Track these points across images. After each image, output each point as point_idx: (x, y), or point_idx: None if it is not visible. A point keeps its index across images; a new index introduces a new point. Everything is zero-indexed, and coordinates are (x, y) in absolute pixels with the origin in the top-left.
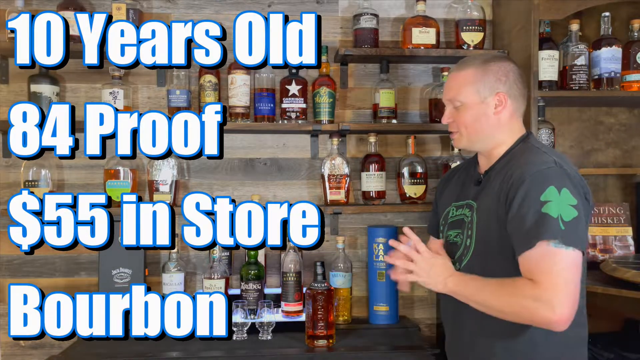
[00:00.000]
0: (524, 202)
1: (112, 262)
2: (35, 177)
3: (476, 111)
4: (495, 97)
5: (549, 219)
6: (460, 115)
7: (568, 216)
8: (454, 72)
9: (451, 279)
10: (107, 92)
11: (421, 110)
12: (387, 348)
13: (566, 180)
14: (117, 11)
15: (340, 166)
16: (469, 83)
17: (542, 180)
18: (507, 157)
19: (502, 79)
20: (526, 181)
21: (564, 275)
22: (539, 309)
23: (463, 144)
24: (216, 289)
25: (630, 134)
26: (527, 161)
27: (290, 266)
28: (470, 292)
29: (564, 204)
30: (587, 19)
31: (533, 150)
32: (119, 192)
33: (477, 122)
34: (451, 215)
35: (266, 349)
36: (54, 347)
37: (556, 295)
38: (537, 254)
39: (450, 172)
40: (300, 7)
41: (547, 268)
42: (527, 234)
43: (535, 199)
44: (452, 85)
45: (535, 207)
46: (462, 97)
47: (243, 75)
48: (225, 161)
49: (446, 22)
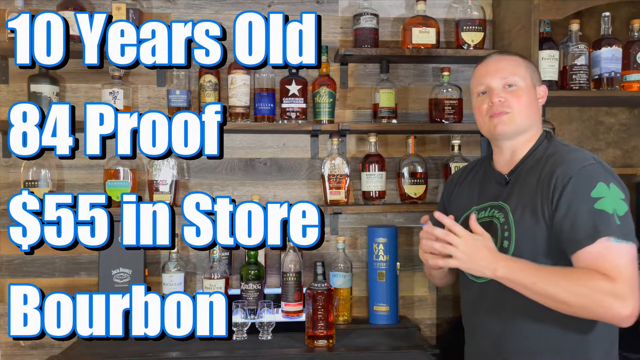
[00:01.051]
0: (574, 200)
1: (112, 262)
2: (35, 177)
3: (531, 96)
4: (540, 88)
5: (605, 215)
6: (515, 95)
7: (621, 210)
8: (500, 55)
9: (502, 263)
10: (107, 92)
11: (421, 110)
12: (387, 348)
13: (609, 175)
14: (117, 11)
15: (340, 166)
16: (523, 67)
17: (588, 177)
18: (533, 155)
19: (539, 76)
20: (572, 178)
21: (630, 270)
22: (614, 305)
23: (510, 127)
24: (216, 289)
25: (630, 134)
26: (566, 158)
27: (290, 266)
28: (530, 280)
29: (616, 198)
30: (587, 19)
31: (564, 147)
32: (119, 192)
33: (530, 107)
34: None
35: (266, 349)
36: (54, 347)
37: (629, 290)
38: (598, 251)
39: (460, 174)
40: (300, 7)
41: (615, 263)
42: (584, 231)
43: (586, 196)
44: (505, 65)
45: (588, 205)
46: (519, 78)
47: (243, 75)
48: (225, 161)
49: (446, 22)
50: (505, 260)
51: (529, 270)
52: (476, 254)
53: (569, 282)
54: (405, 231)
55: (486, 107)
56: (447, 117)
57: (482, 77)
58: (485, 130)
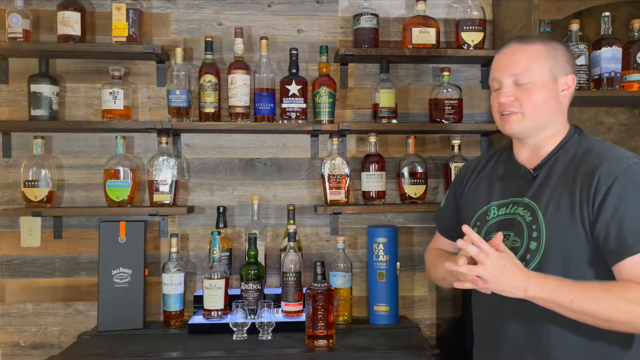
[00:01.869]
0: (621, 203)
1: (112, 262)
2: (35, 177)
3: (547, 91)
4: (565, 78)
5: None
6: (526, 94)
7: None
8: (518, 44)
9: (533, 281)
10: (107, 92)
11: (421, 110)
12: (387, 348)
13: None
14: (117, 11)
15: (340, 166)
16: (542, 58)
17: (636, 177)
18: (565, 149)
19: (570, 60)
20: (618, 179)
21: None
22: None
23: (520, 128)
24: (216, 289)
25: (630, 134)
26: (607, 156)
27: (290, 266)
28: (565, 297)
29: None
30: (587, 19)
31: (601, 143)
32: (119, 192)
33: (545, 104)
34: (493, 215)
35: (266, 349)
36: (54, 347)
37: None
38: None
39: (475, 165)
40: (300, 7)
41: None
42: (632, 237)
43: (635, 198)
44: (519, 59)
45: (638, 208)
46: (534, 74)
47: (243, 75)
48: (225, 161)
49: (446, 22)
50: (536, 279)
51: (564, 288)
52: (504, 274)
53: (610, 297)
54: (405, 231)
55: (497, 104)
56: (447, 117)
57: (495, 71)
58: (499, 127)
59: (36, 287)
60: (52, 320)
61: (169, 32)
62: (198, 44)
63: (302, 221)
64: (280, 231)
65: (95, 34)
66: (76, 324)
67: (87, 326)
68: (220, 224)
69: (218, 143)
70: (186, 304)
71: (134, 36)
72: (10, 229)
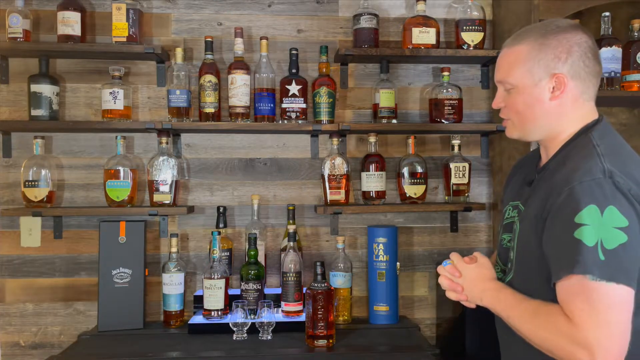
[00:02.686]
0: (556, 221)
1: (112, 262)
2: (35, 177)
3: (529, 96)
4: (552, 79)
5: (582, 248)
6: (511, 100)
7: (612, 243)
8: (506, 47)
9: (487, 293)
10: (107, 92)
11: (421, 110)
12: (387, 348)
13: (616, 195)
14: (117, 11)
15: (340, 166)
16: (521, 61)
17: (580, 195)
18: (564, 151)
19: (562, 57)
20: (562, 194)
21: (606, 316)
22: (576, 354)
23: (516, 134)
24: (216, 289)
25: (630, 134)
26: (573, 166)
27: (290, 266)
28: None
29: (607, 226)
30: (587, 19)
31: (587, 150)
32: (119, 192)
33: (529, 109)
34: (506, 216)
35: (266, 349)
36: (54, 347)
37: (596, 339)
38: (571, 287)
39: (518, 163)
40: (300, 7)
41: (584, 306)
42: (558, 261)
43: (569, 219)
44: (502, 64)
45: (569, 232)
46: (513, 79)
47: (243, 75)
48: (225, 161)
49: (446, 22)
50: (490, 291)
51: (505, 304)
52: (471, 284)
53: (535, 323)
54: (405, 231)
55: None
56: (447, 117)
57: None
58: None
59: (36, 287)
60: (52, 320)
61: (169, 32)
62: (198, 44)
63: (302, 221)
64: (280, 231)
65: (95, 34)
66: (76, 324)
67: (87, 326)
68: (220, 224)
69: (218, 143)
70: (186, 304)
71: (134, 36)
72: (10, 229)
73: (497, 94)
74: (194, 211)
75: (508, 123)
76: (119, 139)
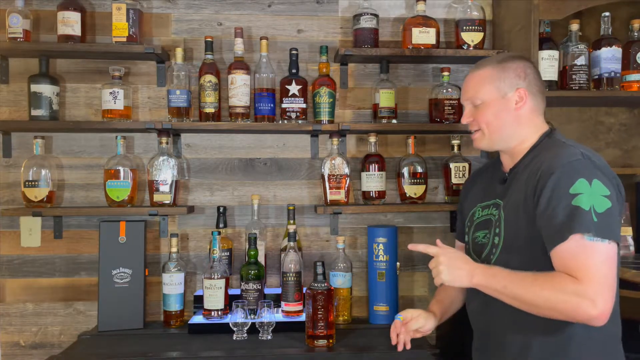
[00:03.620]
0: (553, 195)
1: (112, 262)
2: (35, 177)
3: (497, 107)
4: (515, 93)
5: (580, 212)
6: (480, 113)
7: (601, 207)
8: (471, 72)
9: (478, 271)
10: (107, 92)
11: (421, 110)
12: (387, 348)
13: (596, 171)
14: (117, 11)
15: (340, 166)
16: (487, 81)
17: (570, 172)
18: (532, 152)
19: (521, 75)
20: (554, 174)
21: (602, 269)
22: (581, 305)
23: (485, 144)
24: (216, 289)
25: (630, 134)
26: (554, 154)
27: (290, 266)
28: (501, 284)
29: (596, 194)
30: (587, 19)
31: (559, 144)
32: (119, 192)
33: (498, 118)
34: (477, 216)
35: (266, 349)
36: (54, 347)
37: (597, 290)
38: (572, 248)
39: (474, 174)
40: (300, 7)
41: (585, 262)
42: (559, 227)
43: (565, 192)
44: (470, 85)
45: (566, 201)
46: (482, 95)
47: (243, 75)
48: (225, 161)
49: (446, 22)
50: (481, 268)
51: (501, 276)
52: (452, 263)
53: (537, 285)
54: (405, 231)
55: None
56: (447, 117)
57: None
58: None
59: (36, 287)
60: (52, 320)
61: (169, 32)
62: (198, 44)
63: (302, 221)
64: (280, 231)
65: (96, 34)
66: (76, 323)
67: (87, 326)
68: (220, 224)
69: (218, 143)
70: (186, 304)
71: (134, 36)
72: (10, 229)
73: (465, 112)
74: (194, 211)
75: (478, 134)
76: (119, 139)
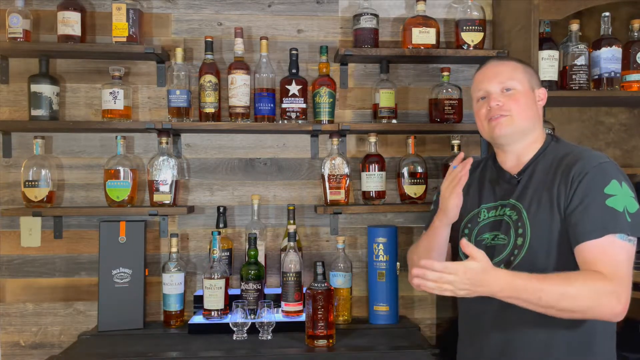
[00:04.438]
0: (588, 194)
1: (112, 262)
2: (35, 177)
3: (529, 98)
4: (539, 91)
5: (615, 212)
6: (513, 99)
7: (632, 208)
8: (496, 61)
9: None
10: (107, 92)
11: (421, 110)
12: (387, 348)
13: (621, 174)
14: (117, 11)
15: (340, 166)
16: (521, 71)
17: (603, 173)
18: (544, 154)
19: (539, 80)
20: (589, 174)
21: (627, 267)
22: (611, 301)
23: (510, 130)
24: (216, 289)
25: (630, 134)
26: (583, 155)
27: (290, 266)
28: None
29: (628, 196)
30: (587, 19)
31: (576, 147)
32: (119, 192)
33: (528, 108)
34: (484, 217)
35: (266, 349)
36: (54, 347)
37: (622, 287)
38: (603, 246)
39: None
40: (300, 7)
41: (614, 259)
42: (594, 224)
43: (600, 191)
44: (503, 70)
45: (601, 200)
46: (517, 82)
47: (243, 75)
48: (225, 161)
49: (446, 22)
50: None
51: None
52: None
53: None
54: (405, 231)
55: (485, 111)
56: (447, 117)
57: (481, 83)
58: (486, 134)
59: (36, 287)
60: (52, 320)
61: (169, 32)
62: (198, 44)
63: (302, 221)
64: (280, 231)
65: (95, 34)
66: (76, 324)
67: (87, 326)
68: (220, 224)
69: (218, 143)
70: (186, 304)
71: (134, 36)
72: (10, 229)
73: (493, 94)
74: (194, 211)
75: (505, 119)
76: (119, 139)
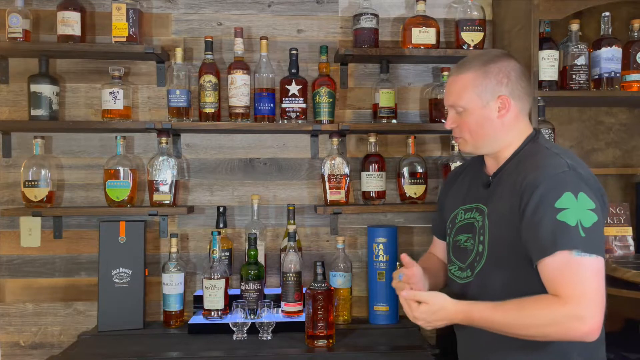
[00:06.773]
0: (538, 208)
1: (112, 262)
2: (35, 177)
3: (479, 116)
4: (497, 101)
5: (566, 228)
6: (463, 120)
7: (588, 222)
8: (453, 75)
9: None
10: (107, 92)
11: (421, 110)
12: (387, 348)
13: (582, 184)
14: (117, 11)
15: (340, 166)
16: (469, 88)
17: (556, 185)
18: (516, 158)
19: (503, 81)
20: (540, 186)
21: (591, 285)
22: (572, 326)
23: (468, 149)
24: (216, 289)
25: (630, 134)
26: (539, 164)
27: (290, 266)
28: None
29: (583, 209)
30: (587, 19)
31: (543, 151)
32: (119, 192)
33: (481, 127)
34: (460, 218)
35: (266, 349)
36: (54, 347)
37: (586, 308)
38: (559, 264)
39: (454, 173)
40: (300, 7)
41: (572, 279)
42: (545, 241)
43: (550, 205)
44: (452, 90)
45: (551, 215)
46: (464, 103)
47: (243, 75)
48: (225, 161)
49: (446, 22)
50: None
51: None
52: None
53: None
54: (405, 231)
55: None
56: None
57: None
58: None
59: (36, 287)
60: (52, 320)
61: (169, 32)
62: (198, 44)
63: (302, 221)
64: (280, 231)
65: (95, 34)
66: (76, 324)
67: (87, 326)
68: (220, 224)
69: (218, 143)
70: (186, 304)
71: (134, 36)
72: (10, 229)
73: (448, 117)
74: (194, 211)
75: (461, 140)
76: (119, 139)
